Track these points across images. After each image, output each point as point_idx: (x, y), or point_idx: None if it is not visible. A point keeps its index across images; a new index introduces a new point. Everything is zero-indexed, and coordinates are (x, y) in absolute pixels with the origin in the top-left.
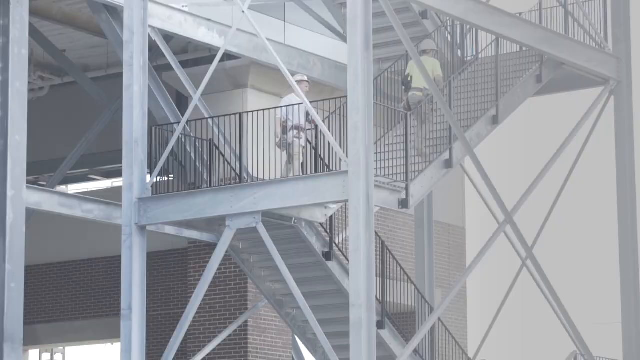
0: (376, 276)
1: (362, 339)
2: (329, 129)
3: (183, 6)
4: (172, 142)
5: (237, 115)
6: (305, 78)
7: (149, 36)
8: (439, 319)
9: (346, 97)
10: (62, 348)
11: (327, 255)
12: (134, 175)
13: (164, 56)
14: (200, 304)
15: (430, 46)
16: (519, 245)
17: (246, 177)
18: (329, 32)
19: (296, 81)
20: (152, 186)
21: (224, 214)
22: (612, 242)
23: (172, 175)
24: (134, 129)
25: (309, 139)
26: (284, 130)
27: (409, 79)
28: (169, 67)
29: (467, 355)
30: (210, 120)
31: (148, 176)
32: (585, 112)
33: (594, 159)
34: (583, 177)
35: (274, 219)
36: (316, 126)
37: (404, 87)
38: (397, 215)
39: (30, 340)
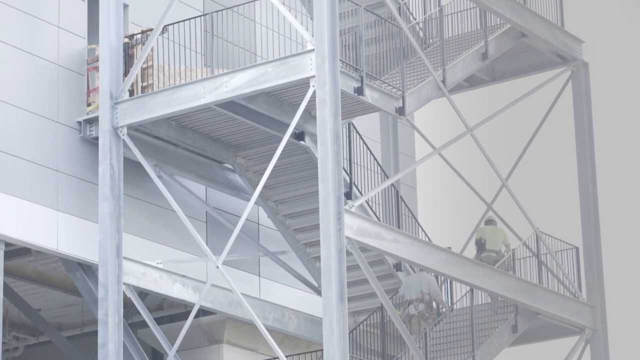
0: None
1: None
2: None
3: (158, 263)
4: None
5: None
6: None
7: (124, 293)
8: None
9: (322, 350)
10: None
11: None
12: None
13: (139, 313)
14: None
15: (495, 218)
16: None
17: None
18: (304, 285)
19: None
20: None
21: None
22: None
23: None
24: None
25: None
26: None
27: (483, 241)
28: (144, 323)
29: None
30: None
31: None
32: None
33: None
34: None
35: None
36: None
37: (476, 248)
38: None
39: None
